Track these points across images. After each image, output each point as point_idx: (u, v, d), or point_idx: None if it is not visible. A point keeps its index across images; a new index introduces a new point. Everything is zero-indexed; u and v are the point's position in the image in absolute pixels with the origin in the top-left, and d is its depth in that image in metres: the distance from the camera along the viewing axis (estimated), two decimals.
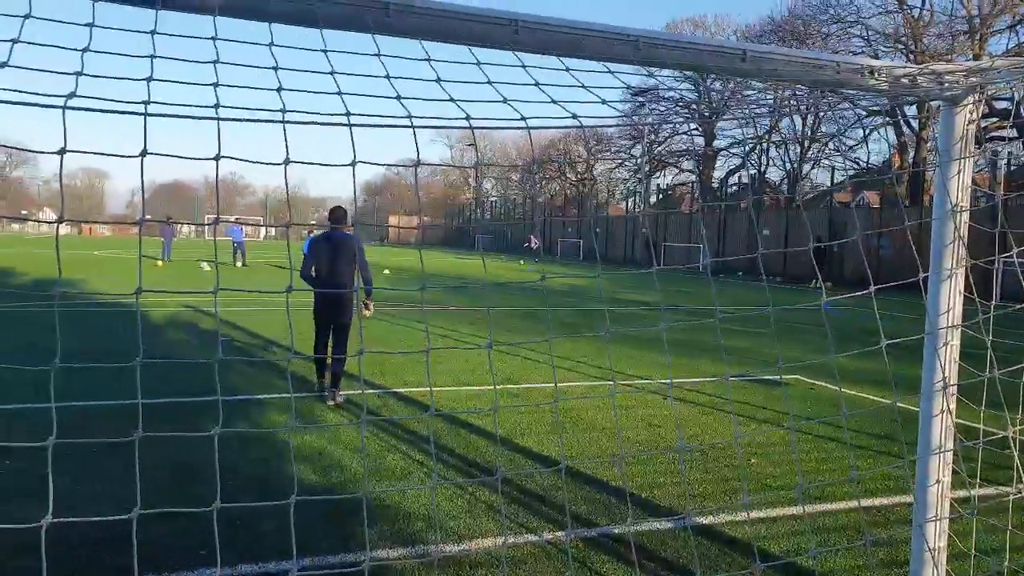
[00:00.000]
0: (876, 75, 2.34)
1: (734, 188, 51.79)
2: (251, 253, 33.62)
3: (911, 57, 36.56)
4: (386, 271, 28.58)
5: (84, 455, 5.55)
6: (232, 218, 42.70)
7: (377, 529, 4.49)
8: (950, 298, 2.45)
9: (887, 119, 41.41)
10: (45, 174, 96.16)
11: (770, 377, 9.63)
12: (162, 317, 13.54)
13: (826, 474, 5.82)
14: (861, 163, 46.89)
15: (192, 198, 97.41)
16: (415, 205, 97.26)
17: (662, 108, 56.95)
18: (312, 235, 8.03)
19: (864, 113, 41.61)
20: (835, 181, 43.89)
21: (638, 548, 4.34)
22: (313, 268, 7.55)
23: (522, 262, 29.13)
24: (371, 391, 8.20)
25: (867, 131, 44.21)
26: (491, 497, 5.09)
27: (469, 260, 47.27)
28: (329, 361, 7.57)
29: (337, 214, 7.75)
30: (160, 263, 29.53)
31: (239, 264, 30.16)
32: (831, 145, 47.56)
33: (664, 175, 61.92)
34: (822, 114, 46.26)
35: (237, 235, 31.28)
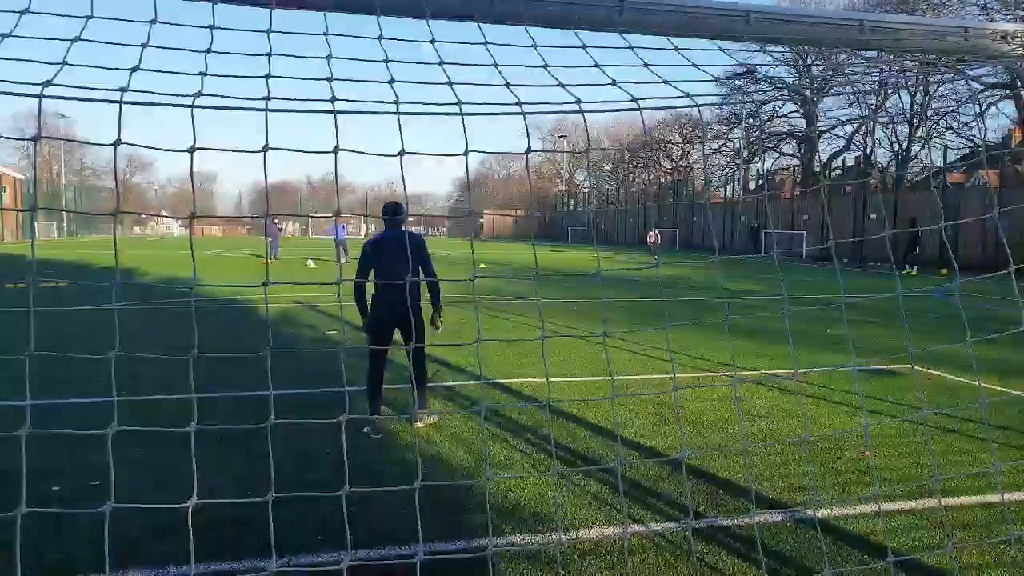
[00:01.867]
0: (1010, 39, 2.19)
1: (838, 171, 49.62)
2: (353, 250, 34.58)
3: None
4: (482, 265, 28.88)
5: (210, 444, 5.85)
6: (332, 217, 44.10)
7: (486, 517, 4.55)
8: None
9: (1006, 92, 38.68)
10: (160, 180, 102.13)
11: (881, 367, 9.20)
12: (276, 312, 14.12)
13: (947, 467, 5.52)
14: (977, 141, 43.99)
15: (296, 197, 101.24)
16: (506, 197, 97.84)
17: (762, 90, 55.13)
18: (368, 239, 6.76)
19: (980, 87, 39.03)
20: (947, 161, 41.39)
21: (759, 541, 4.24)
22: (366, 280, 6.45)
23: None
24: (470, 382, 8.30)
25: (983, 106, 41.40)
26: (596, 487, 5.07)
27: (565, 253, 47.18)
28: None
29: (393, 208, 6.34)
30: (268, 261, 30.85)
31: (343, 261, 31.15)
32: (943, 123, 44.77)
33: (764, 159, 60.03)
34: (933, 90, 43.69)
35: (340, 233, 32.27)
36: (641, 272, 23.26)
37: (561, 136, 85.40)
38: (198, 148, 1.53)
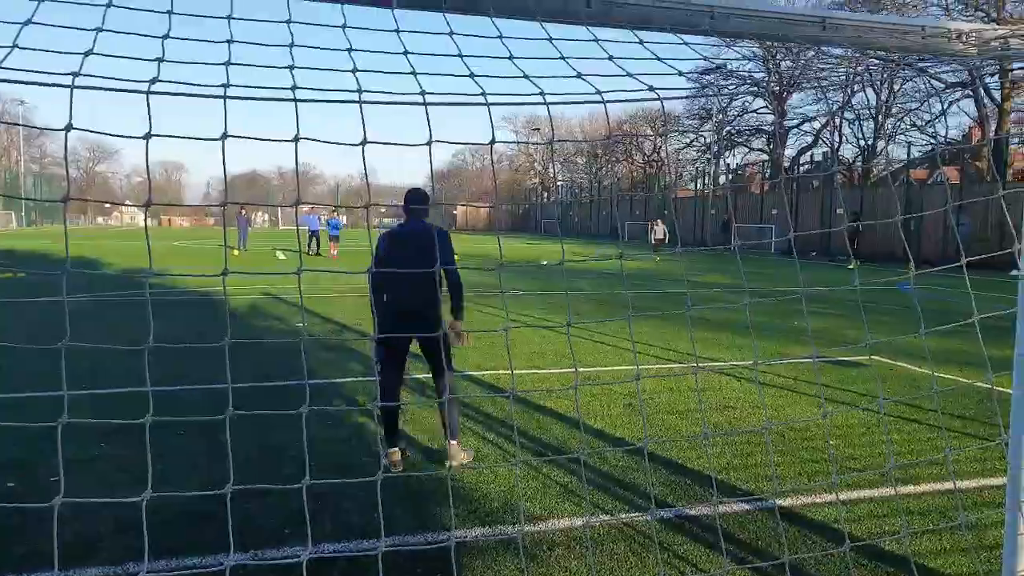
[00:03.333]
0: (964, 39, 2.23)
1: (806, 166, 50.26)
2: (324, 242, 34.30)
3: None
4: (456, 257, 28.80)
5: (172, 439, 5.79)
6: (306, 207, 43.56)
7: (455, 510, 4.56)
8: None
9: (966, 91, 39.43)
10: (126, 169, 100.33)
11: (846, 358, 9.36)
12: (243, 305, 13.97)
13: (908, 456, 5.64)
14: (939, 138, 44.84)
15: (266, 188, 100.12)
16: (480, 191, 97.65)
17: (731, 86, 55.58)
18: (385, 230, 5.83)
19: (942, 85, 39.75)
20: (911, 157, 42.09)
21: (721, 530, 4.30)
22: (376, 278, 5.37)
23: (657, 258, 27.83)
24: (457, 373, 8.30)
25: (945, 104, 42.19)
26: (565, 478, 5.10)
27: (541, 246, 47.27)
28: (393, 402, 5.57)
29: (415, 196, 5.50)
30: (237, 252, 30.48)
31: (312, 252, 30.87)
32: (907, 120, 45.58)
33: (734, 154, 60.57)
34: (897, 88, 44.44)
35: (313, 224, 31.97)
36: (637, 264, 23.39)
37: (534, 129, 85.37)
38: (154, 135, 1.51)
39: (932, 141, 44.09)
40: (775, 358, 9.37)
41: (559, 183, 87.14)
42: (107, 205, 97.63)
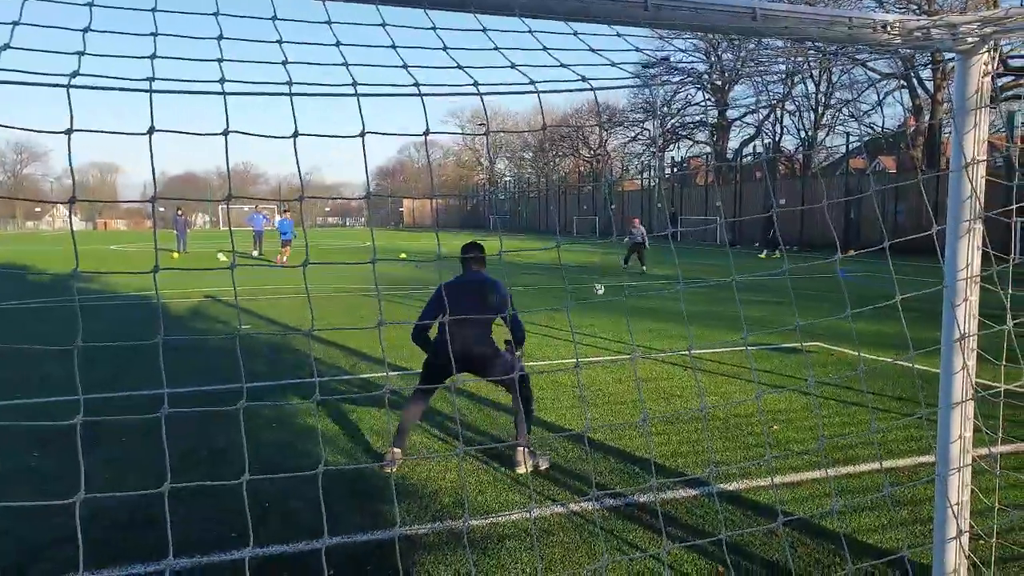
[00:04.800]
0: (889, 29, 2.31)
1: (749, 157, 51.27)
2: (268, 242, 33.70)
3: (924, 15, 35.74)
4: (403, 255, 28.62)
5: (113, 444, 5.64)
6: (248, 207, 42.72)
7: (405, 506, 4.54)
8: (968, 253, 2.42)
9: (901, 82, 40.73)
10: (56, 171, 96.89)
11: (789, 345, 9.59)
12: (183, 308, 13.67)
13: (850, 437, 5.80)
14: (876, 128, 46.25)
15: (206, 189, 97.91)
16: (428, 187, 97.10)
17: (675, 80, 56.28)
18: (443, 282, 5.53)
19: (878, 77, 40.94)
20: (850, 147, 43.29)
21: (664, 515, 4.37)
22: (430, 326, 5.52)
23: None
24: (394, 373, 8.25)
25: (881, 95, 43.53)
26: (516, 471, 5.12)
27: (486, 241, 47.18)
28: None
29: (472, 251, 5.55)
30: (176, 254, 29.77)
31: (255, 253, 30.27)
32: (845, 111, 46.87)
33: (678, 147, 61.39)
34: (835, 80, 45.62)
35: (258, 223, 31.14)
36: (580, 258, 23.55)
37: (480, 124, 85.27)
38: (76, 130, 1.47)
39: (871, 131, 45.41)
40: (711, 347, 9.54)
41: (506, 178, 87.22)
42: (37, 208, 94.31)
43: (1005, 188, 2.65)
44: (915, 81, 38.67)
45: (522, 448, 5.16)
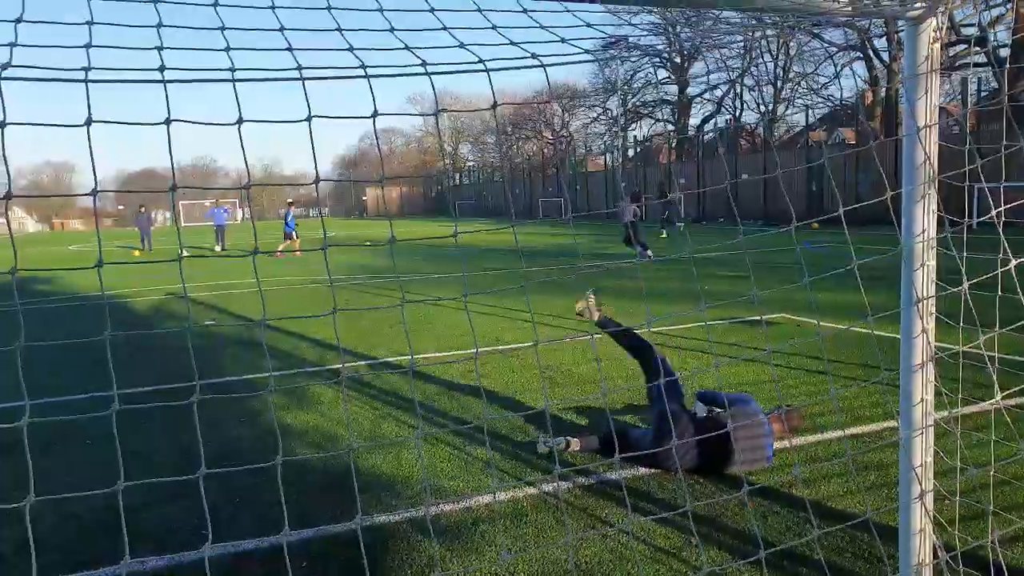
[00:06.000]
0: None
1: (710, 134, 51.61)
2: (230, 237, 33.22)
3: None
4: (367, 242, 28.42)
5: (77, 448, 5.54)
6: (208, 202, 42.07)
7: (375, 495, 4.52)
8: (924, 218, 2.45)
9: (857, 54, 41.22)
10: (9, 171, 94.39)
11: (755, 317, 9.69)
12: (149, 306, 13.44)
13: (816, 406, 5.88)
14: (834, 100, 46.78)
15: (165, 185, 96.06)
16: (389, 174, 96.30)
17: (634, 58, 56.35)
18: None
19: (835, 49, 41.39)
20: (809, 120, 43.79)
21: (635, 492, 4.39)
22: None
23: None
24: (361, 363, 8.20)
25: (838, 67, 43.99)
26: (486, 455, 5.12)
27: (450, 227, 47.07)
28: None
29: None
30: (138, 252, 29.26)
31: (218, 248, 29.85)
32: (804, 84, 47.32)
33: (640, 126, 61.58)
34: (792, 53, 46.02)
35: (219, 218, 30.64)
36: (549, 241, 23.45)
37: (442, 109, 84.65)
38: (9, 123, 1.41)
39: (830, 104, 45.89)
40: (675, 324, 9.61)
41: (469, 163, 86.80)
42: None
43: (960, 155, 2.68)
44: (871, 52, 39.21)
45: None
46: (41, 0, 1.62)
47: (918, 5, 2.45)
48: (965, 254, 2.51)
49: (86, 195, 1.47)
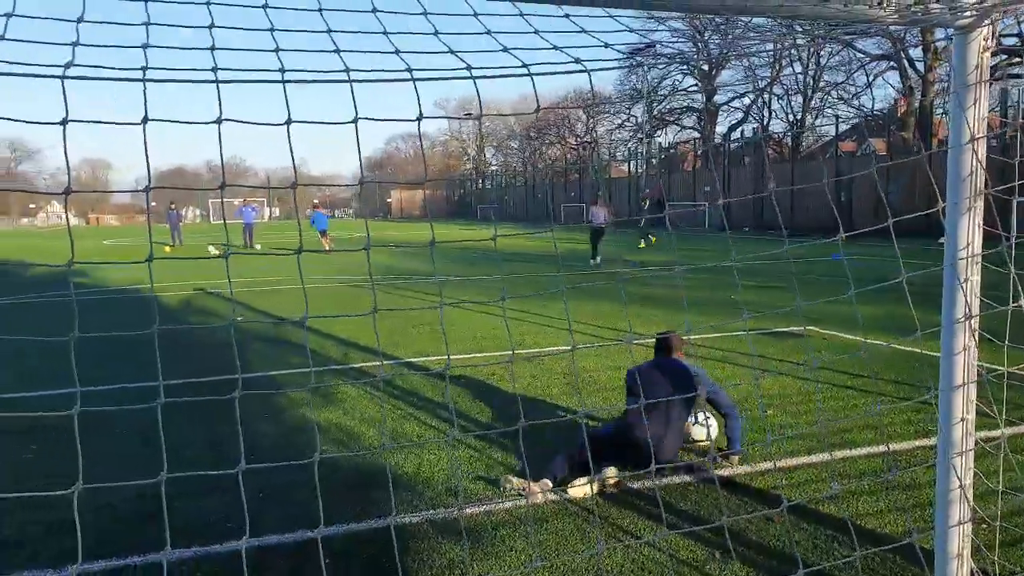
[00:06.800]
0: (885, 5, 2.27)
1: (737, 143, 51.26)
2: (258, 235, 33.56)
3: None
4: (393, 244, 28.55)
5: (109, 439, 5.59)
6: (237, 201, 42.55)
7: (399, 495, 4.52)
8: (969, 231, 2.40)
9: (891, 63, 40.66)
10: (50, 168, 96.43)
11: (783, 329, 9.59)
12: (179, 300, 13.59)
13: (846, 421, 5.80)
14: (866, 110, 46.14)
15: (195, 183, 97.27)
16: (414, 176, 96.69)
17: (661, 64, 56.12)
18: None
19: (867, 58, 40.85)
20: (839, 130, 43.29)
21: (663, 501, 4.36)
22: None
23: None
24: (387, 362, 8.22)
25: (871, 77, 43.39)
26: (510, 459, 5.10)
27: (474, 231, 47.21)
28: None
29: (669, 342, 5.31)
30: (169, 248, 29.63)
31: (249, 246, 30.17)
32: (834, 94, 46.74)
33: (666, 133, 61.28)
34: (824, 62, 45.51)
35: (248, 216, 31.15)
36: (572, 247, 23.36)
37: (467, 112, 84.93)
38: (71, 120, 1.43)
39: (861, 114, 45.31)
40: (704, 333, 9.54)
41: (492, 167, 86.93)
42: (32, 205, 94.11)
43: (997, 168, 2.62)
44: (905, 62, 38.63)
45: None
46: (97, 1, 1.64)
47: (968, 14, 2.41)
48: (1013, 269, 2.46)
49: (139, 191, 1.48)
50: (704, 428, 5.26)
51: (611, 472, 4.62)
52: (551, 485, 4.59)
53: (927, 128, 36.00)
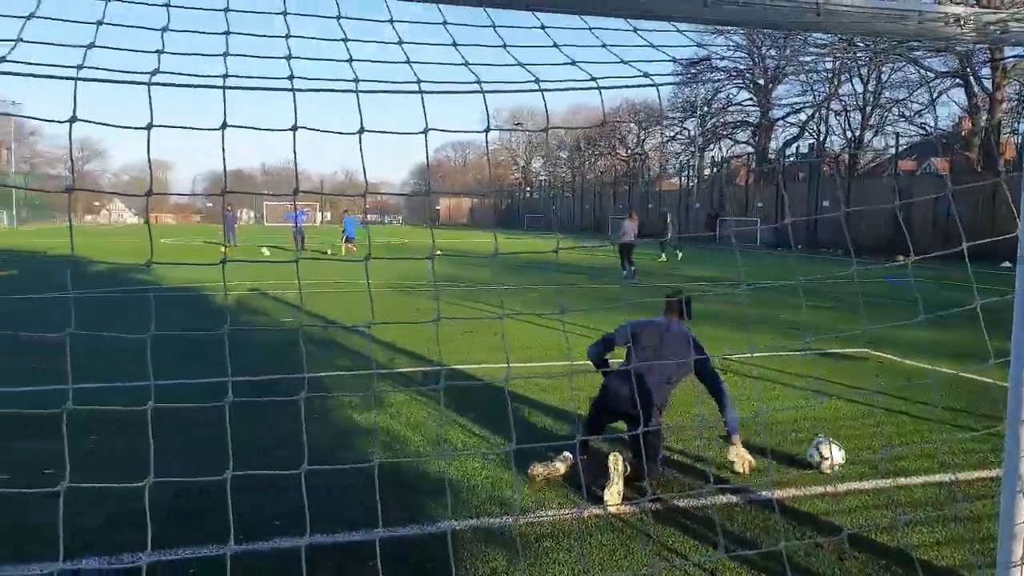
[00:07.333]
0: (962, 23, 2.22)
1: (792, 159, 50.43)
2: (309, 238, 34.15)
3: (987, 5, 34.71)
4: (438, 252, 28.76)
5: (168, 433, 5.71)
6: (290, 204, 43.45)
7: (442, 502, 4.53)
8: None
9: (957, 80, 39.49)
10: (114, 167, 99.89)
11: (837, 351, 9.39)
12: (232, 300, 13.89)
13: (902, 449, 5.64)
14: (928, 128, 44.86)
15: (251, 185, 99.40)
16: (462, 185, 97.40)
17: (718, 77, 55.64)
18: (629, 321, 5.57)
19: (932, 75, 39.76)
20: (899, 148, 42.20)
21: (704, 521, 4.29)
22: (607, 352, 5.53)
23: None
24: (431, 368, 8.27)
25: (935, 94, 42.13)
26: (548, 471, 5.08)
27: (522, 240, 47.30)
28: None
29: (679, 305, 5.50)
30: (224, 249, 30.36)
31: (298, 250, 30.72)
32: (895, 111, 45.56)
33: (719, 147, 60.66)
34: (885, 78, 44.45)
35: (298, 220, 31.81)
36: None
37: (517, 123, 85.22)
38: (155, 125, 1.48)
39: (922, 132, 44.11)
40: (767, 352, 9.38)
41: (541, 178, 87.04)
42: (96, 202, 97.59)
43: None
44: (972, 79, 37.45)
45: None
46: (182, 11, 1.69)
47: None
48: None
49: (215, 194, 1.53)
50: (831, 454, 5.02)
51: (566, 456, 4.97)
52: (571, 458, 4.91)
53: (993, 148, 34.89)
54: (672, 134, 64.68)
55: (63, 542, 3.83)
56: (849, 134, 48.87)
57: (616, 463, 4.66)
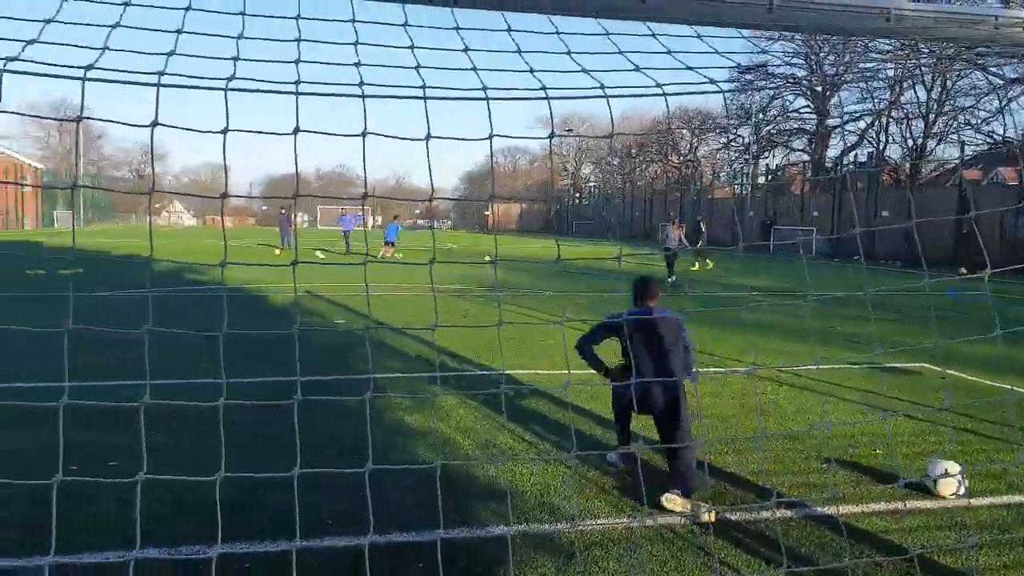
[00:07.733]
0: None
1: (850, 167, 49.22)
2: (358, 242, 34.55)
3: None
4: (487, 257, 28.87)
5: (215, 430, 5.83)
6: (342, 207, 44.19)
7: (490, 507, 4.55)
8: None
9: None
10: (175, 170, 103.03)
11: (893, 364, 9.14)
12: (288, 301, 14.16)
13: (967, 468, 5.46)
14: (996, 136, 43.20)
15: (305, 189, 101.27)
16: (510, 191, 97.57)
17: (773, 84, 54.69)
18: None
19: (1001, 82, 38.38)
20: (964, 157, 40.83)
21: (759, 536, 4.22)
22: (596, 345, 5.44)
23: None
24: (481, 372, 8.30)
25: (1004, 102, 40.59)
26: (601, 479, 5.06)
27: (572, 247, 47.20)
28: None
29: (650, 289, 5.41)
30: (279, 251, 30.94)
31: (349, 252, 31.20)
32: (961, 118, 43.99)
33: (773, 155, 59.62)
34: (950, 85, 43.02)
35: (347, 224, 32.33)
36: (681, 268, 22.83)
37: (568, 129, 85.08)
38: (231, 130, 1.52)
39: (989, 141, 42.59)
40: (808, 363, 9.18)
41: (591, 184, 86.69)
42: (156, 204, 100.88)
43: None
44: None
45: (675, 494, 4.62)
46: (256, 20, 1.74)
47: None
48: None
49: (287, 198, 1.56)
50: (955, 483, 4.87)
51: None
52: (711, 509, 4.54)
53: None
54: (726, 140, 63.87)
55: (139, 528, 3.95)
56: (911, 142, 47.49)
57: (672, 505, 4.53)
